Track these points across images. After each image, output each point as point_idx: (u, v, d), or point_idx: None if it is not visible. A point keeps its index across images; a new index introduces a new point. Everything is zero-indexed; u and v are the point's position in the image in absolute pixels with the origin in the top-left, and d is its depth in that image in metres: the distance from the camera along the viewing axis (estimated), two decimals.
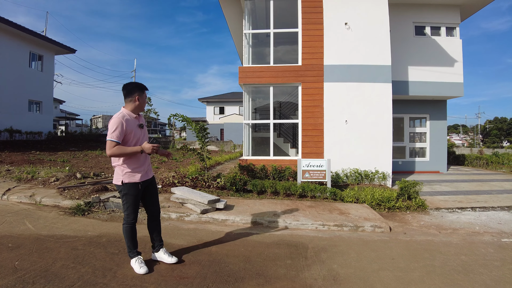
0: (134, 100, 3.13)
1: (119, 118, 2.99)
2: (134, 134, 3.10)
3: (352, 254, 3.95)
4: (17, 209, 5.46)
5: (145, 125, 3.40)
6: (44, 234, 4.17)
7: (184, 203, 5.45)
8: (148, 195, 3.39)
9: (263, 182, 6.58)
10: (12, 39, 17.06)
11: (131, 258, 3.25)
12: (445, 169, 12.04)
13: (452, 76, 10.91)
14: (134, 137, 3.11)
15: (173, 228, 4.66)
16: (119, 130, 2.95)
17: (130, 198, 3.14)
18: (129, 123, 3.05)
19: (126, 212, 3.18)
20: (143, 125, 3.31)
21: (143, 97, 3.20)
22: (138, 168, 3.15)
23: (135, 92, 3.13)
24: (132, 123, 3.10)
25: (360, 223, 5.09)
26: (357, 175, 8.39)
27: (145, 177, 3.25)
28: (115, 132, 2.93)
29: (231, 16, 10.96)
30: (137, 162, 3.15)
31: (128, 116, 3.09)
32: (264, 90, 10.44)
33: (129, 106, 3.14)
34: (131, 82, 3.24)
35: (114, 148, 2.93)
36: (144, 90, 3.23)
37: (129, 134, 3.05)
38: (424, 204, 6.60)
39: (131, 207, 3.17)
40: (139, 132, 3.18)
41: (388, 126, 8.60)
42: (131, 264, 3.23)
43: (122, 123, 2.98)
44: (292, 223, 4.94)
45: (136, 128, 3.14)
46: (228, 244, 4.03)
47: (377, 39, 8.70)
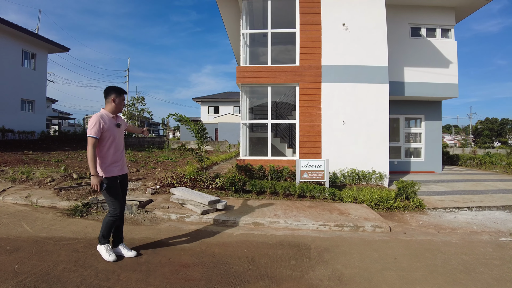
0: (111, 102, 3.49)
1: (97, 117, 3.34)
2: (110, 132, 3.41)
3: (355, 254, 3.97)
4: (13, 210, 5.34)
5: (123, 125, 3.71)
6: (42, 236, 4.09)
7: (184, 204, 5.40)
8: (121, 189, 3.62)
9: (262, 183, 6.56)
10: (4, 37, 16.74)
11: (100, 244, 3.49)
12: (440, 169, 12.18)
13: (447, 77, 11.03)
14: (111, 135, 3.42)
15: (174, 229, 4.61)
16: (97, 127, 3.28)
17: (112, 191, 3.42)
18: (106, 121, 3.38)
19: (112, 206, 3.44)
20: (120, 125, 3.61)
21: (119, 99, 3.55)
22: (116, 163, 3.49)
23: (112, 94, 3.50)
24: (109, 122, 3.43)
25: (361, 223, 5.11)
26: (354, 175, 8.42)
27: (121, 171, 3.59)
28: (93, 128, 3.27)
29: (228, 16, 10.92)
30: (113, 158, 3.46)
31: (105, 115, 3.44)
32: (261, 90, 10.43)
33: (108, 107, 3.51)
34: (110, 86, 3.59)
35: (92, 145, 3.24)
36: (122, 93, 3.58)
37: (105, 131, 3.37)
38: (422, 204, 6.66)
39: (115, 200, 3.45)
40: (115, 130, 3.50)
41: (385, 126, 8.65)
42: (99, 249, 3.50)
43: (99, 120, 3.32)
44: (293, 223, 4.94)
45: (113, 127, 3.47)
46: (230, 245, 4.01)
47: (374, 40, 8.74)
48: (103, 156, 3.39)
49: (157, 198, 6.04)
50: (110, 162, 3.42)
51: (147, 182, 7.53)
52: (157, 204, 5.57)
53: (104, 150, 3.39)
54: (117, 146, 3.53)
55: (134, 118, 34.76)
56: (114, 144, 3.48)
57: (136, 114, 34.67)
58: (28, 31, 17.89)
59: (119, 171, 3.53)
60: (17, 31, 16.99)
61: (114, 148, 3.47)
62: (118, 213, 3.46)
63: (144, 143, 22.04)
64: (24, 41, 18.03)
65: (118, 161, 3.53)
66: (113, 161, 3.46)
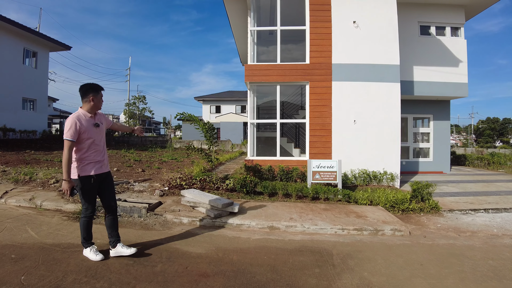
0: (89, 101, 3.34)
1: (73, 118, 3.20)
2: (88, 133, 3.27)
3: (379, 260, 3.80)
4: (16, 214, 5.12)
5: (104, 123, 3.58)
6: (49, 243, 3.86)
7: (195, 206, 5.20)
8: (104, 189, 3.54)
9: (274, 184, 6.37)
10: (5, 35, 16.48)
11: (85, 247, 3.45)
12: (448, 169, 12.00)
13: (457, 76, 10.84)
14: (89, 136, 3.29)
15: (187, 234, 4.42)
16: (73, 129, 3.15)
17: (85, 191, 3.33)
18: (83, 122, 3.24)
19: (84, 205, 3.40)
20: (99, 124, 3.44)
21: (98, 97, 3.40)
22: (92, 163, 3.35)
23: (89, 93, 3.34)
24: (87, 123, 3.28)
25: (380, 226, 4.93)
26: (365, 176, 8.23)
27: (100, 170, 3.43)
28: (69, 131, 3.14)
29: (235, 14, 10.69)
30: (90, 157, 3.34)
31: (83, 115, 3.30)
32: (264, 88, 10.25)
33: (85, 106, 3.35)
34: (86, 83, 3.41)
35: (68, 148, 3.13)
36: (99, 90, 3.42)
37: (83, 133, 3.23)
38: (437, 206, 6.49)
39: (87, 200, 3.38)
40: (94, 130, 3.35)
41: (396, 126, 8.47)
42: (85, 253, 3.44)
43: (76, 122, 3.17)
44: (310, 227, 4.75)
45: (91, 127, 3.32)
46: (249, 252, 3.81)
47: (385, 38, 8.55)
48: (82, 158, 3.30)
49: (166, 200, 5.84)
50: (89, 162, 3.33)
51: (154, 183, 7.33)
52: (167, 207, 5.37)
53: (83, 151, 3.29)
54: (97, 146, 3.41)
55: (135, 117, 34.52)
56: (93, 145, 3.37)
57: (137, 113, 34.42)
58: (30, 29, 17.65)
59: (97, 170, 3.40)
60: (18, 29, 16.74)
61: (93, 149, 3.36)
62: (90, 213, 3.42)
63: (147, 142, 21.84)
64: (25, 39, 17.78)
65: (99, 161, 3.43)
66: (93, 161, 3.37)
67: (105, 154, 3.57)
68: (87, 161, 3.31)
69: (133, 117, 34.37)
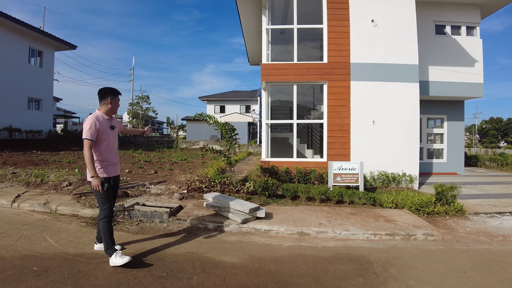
0: (107, 104, 3.44)
1: (92, 119, 3.29)
2: (105, 134, 3.38)
3: (420, 267, 3.64)
4: (32, 219, 4.89)
5: (117, 127, 3.66)
6: (71, 253, 3.61)
7: (220, 211, 5.01)
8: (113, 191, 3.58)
9: (296, 187, 6.18)
10: (11, 34, 16.30)
11: (110, 255, 3.31)
12: (462, 170, 11.81)
13: (473, 77, 10.64)
14: (106, 137, 3.39)
15: (215, 241, 4.21)
16: (93, 129, 3.25)
17: (104, 192, 3.33)
18: (101, 123, 3.34)
19: (102, 207, 3.38)
20: (114, 127, 3.56)
21: (115, 101, 3.51)
22: (109, 165, 3.45)
23: (108, 96, 3.44)
24: (104, 124, 3.39)
25: (411, 231, 4.76)
26: (384, 178, 8.05)
27: (114, 172, 3.55)
28: (89, 130, 3.22)
29: (247, 12, 10.47)
30: (108, 159, 3.44)
31: (100, 117, 3.40)
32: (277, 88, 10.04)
33: (103, 109, 3.46)
34: (105, 87, 3.54)
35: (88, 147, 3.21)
36: (117, 94, 3.55)
37: (101, 134, 3.33)
38: (462, 209, 6.31)
39: (107, 201, 3.39)
40: (110, 133, 3.46)
41: (415, 126, 8.28)
42: (113, 262, 3.28)
43: (95, 122, 3.28)
44: (342, 233, 4.56)
45: (108, 129, 3.43)
46: (285, 261, 3.62)
47: (404, 37, 8.37)
48: (99, 160, 3.38)
49: (186, 204, 5.65)
50: (106, 163, 3.43)
51: (170, 185, 7.15)
52: (189, 211, 5.18)
53: (100, 152, 3.38)
54: (112, 148, 3.52)
55: (138, 117, 34.32)
56: (109, 147, 3.47)
57: (141, 113, 34.22)
58: (35, 28, 17.46)
59: (112, 173, 3.50)
60: (24, 28, 16.56)
61: (108, 150, 3.45)
62: (110, 213, 3.42)
63: (153, 142, 21.65)
64: (31, 38, 17.60)
65: (113, 162, 3.52)
66: (106, 163, 3.43)
67: (117, 157, 3.67)
68: (104, 163, 3.41)
69: (137, 117, 34.14)
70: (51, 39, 18.53)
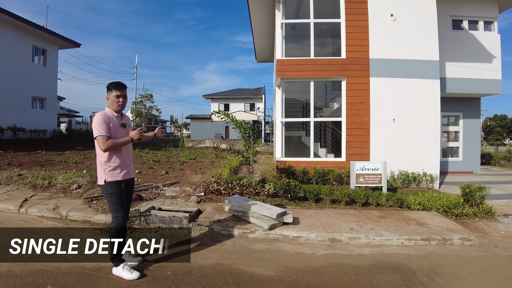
0: (115, 99, 3.14)
1: (102, 115, 3.03)
2: (116, 131, 3.10)
3: (467, 277, 3.39)
4: (41, 226, 4.57)
5: (129, 125, 3.34)
6: (88, 267, 3.27)
7: (244, 216, 4.71)
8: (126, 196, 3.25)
9: (319, 188, 5.88)
10: (15, 32, 16.01)
11: (116, 266, 3.09)
12: (478, 169, 11.51)
13: (490, 73, 10.31)
14: (117, 135, 3.09)
15: (243, 249, 3.91)
16: (106, 125, 2.98)
17: (115, 197, 3.07)
18: (112, 120, 3.07)
19: (115, 214, 3.11)
20: (126, 124, 3.25)
21: (122, 95, 3.19)
22: (121, 166, 3.13)
23: (113, 91, 3.13)
24: (115, 121, 3.11)
25: (447, 235, 4.49)
26: (405, 178, 7.76)
27: (127, 175, 3.22)
28: (102, 127, 2.95)
29: (258, 6, 10.12)
30: (120, 160, 3.12)
31: (110, 114, 3.13)
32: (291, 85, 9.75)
33: (111, 105, 3.17)
34: (112, 82, 3.22)
35: (107, 141, 2.93)
36: (122, 88, 3.20)
37: (111, 131, 3.05)
38: (491, 211, 6.02)
39: (120, 207, 3.10)
40: (121, 131, 3.15)
41: (436, 125, 8.00)
42: (117, 272, 3.08)
43: (106, 119, 3.01)
44: (375, 238, 4.27)
45: (119, 127, 3.14)
46: (323, 272, 3.33)
47: (424, 32, 8.06)
48: (109, 159, 3.07)
49: (205, 207, 5.36)
50: (115, 165, 3.09)
51: (184, 187, 6.87)
52: (210, 216, 4.89)
53: (111, 153, 3.08)
54: (125, 148, 3.20)
55: (142, 116, 34.05)
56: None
57: (144, 111, 33.95)
58: (39, 26, 17.16)
59: (124, 175, 3.16)
60: (28, 26, 16.26)
61: (120, 150, 3.14)
62: (123, 221, 3.13)
63: (159, 141, 21.36)
64: (34, 36, 17.30)
65: (124, 164, 3.17)
66: (118, 164, 3.12)
67: (131, 157, 3.36)
68: (114, 165, 3.09)
69: (140, 115, 33.88)
70: (55, 37, 18.23)
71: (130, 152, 3.32)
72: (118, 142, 3.01)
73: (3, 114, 15.48)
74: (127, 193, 3.26)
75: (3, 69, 15.48)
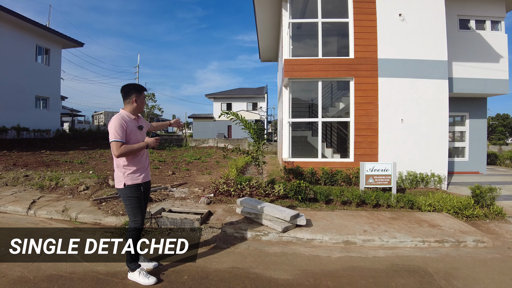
0: (132, 102, 3.07)
1: (118, 119, 2.93)
2: (134, 135, 3.03)
3: (485, 280, 3.37)
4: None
5: (145, 127, 3.31)
6: (103, 272, 3.21)
7: (256, 218, 4.69)
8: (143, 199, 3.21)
9: (329, 190, 5.85)
10: (18, 31, 15.99)
11: (133, 271, 3.03)
12: (484, 169, 11.45)
13: (497, 73, 10.25)
14: (134, 139, 3.03)
15: (258, 252, 3.87)
16: (122, 130, 2.90)
17: (134, 201, 3.03)
18: (128, 124, 2.99)
19: (134, 218, 3.05)
20: (143, 127, 3.20)
21: (140, 98, 3.13)
22: (141, 169, 3.10)
23: (132, 93, 3.07)
24: (132, 124, 3.04)
25: (460, 237, 4.46)
26: (413, 178, 7.72)
27: (146, 178, 3.19)
28: (118, 132, 2.87)
29: (264, 5, 10.06)
30: (139, 163, 3.09)
31: (127, 117, 3.03)
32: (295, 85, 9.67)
33: (128, 108, 3.09)
34: (129, 83, 3.19)
35: (121, 147, 2.86)
36: (142, 91, 3.17)
37: (129, 135, 2.98)
38: (502, 212, 5.98)
39: (138, 211, 3.06)
40: (138, 133, 3.09)
41: (444, 125, 7.95)
42: (133, 277, 3.03)
43: (122, 123, 2.92)
44: (389, 240, 4.25)
45: (136, 130, 3.07)
46: (341, 275, 3.30)
47: (432, 32, 8.02)
48: (129, 162, 3.03)
49: (216, 209, 5.34)
50: (134, 169, 3.05)
51: (193, 188, 6.84)
52: (221, 218, 4.87)
53: (130, 157, 3.03)
54: (142, 151, 3.15)
55: (144, 115, 34.03)
56: None
57: (146, 111, 33.92)
58: (42, 26, 17.15)
59: (143, 178, 3.13)
60: (31, 25, 16.24)
61: (139, 154, 3.11)
62: (141, 226, 3.09)
63: (162, 141, 21.33)
64: (37, 36, 17.28)
65: (143, 167, 3.15)
66: (138, 167, 3.08)
67: (148, 159, 3.29)
68: (134, 168, 3.04)
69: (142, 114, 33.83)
70: (58, 36, 18.21)
71: (147, 154, 3.27)
72: (133, 148, 2.95)
73: (6, 114, 15.48)
74: (144, 196, 3.22)
75: (7, 69, 15.47)
